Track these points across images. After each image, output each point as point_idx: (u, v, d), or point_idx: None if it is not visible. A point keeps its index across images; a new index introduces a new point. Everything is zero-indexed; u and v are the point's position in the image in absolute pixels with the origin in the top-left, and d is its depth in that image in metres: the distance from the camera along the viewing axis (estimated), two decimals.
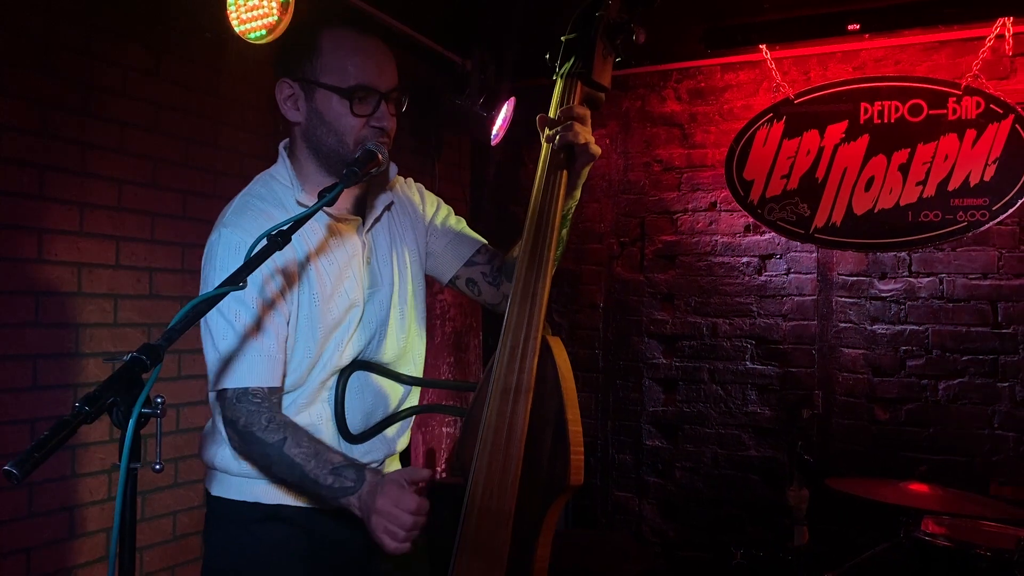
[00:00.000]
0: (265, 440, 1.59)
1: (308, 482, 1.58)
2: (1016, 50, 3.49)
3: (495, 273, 1.93)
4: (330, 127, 1.69)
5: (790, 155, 3.78)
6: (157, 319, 2.85)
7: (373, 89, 1.68)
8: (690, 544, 4.12)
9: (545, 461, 1.68)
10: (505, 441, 1.67)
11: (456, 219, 1.98)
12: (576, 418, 1.69)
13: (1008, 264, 3.60)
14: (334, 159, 1.72)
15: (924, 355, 3.74)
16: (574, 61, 1.83)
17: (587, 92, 1.86)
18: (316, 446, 1.60)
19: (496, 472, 1.67)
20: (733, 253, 4.12)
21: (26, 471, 1.02)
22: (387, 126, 1.71)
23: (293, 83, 1.71)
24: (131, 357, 1.18)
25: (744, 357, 4.10)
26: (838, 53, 3.86)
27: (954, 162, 3.50)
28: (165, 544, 2.91)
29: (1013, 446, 3.58)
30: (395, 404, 1.86)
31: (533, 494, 1.68)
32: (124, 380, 1.16)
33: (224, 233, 1.66)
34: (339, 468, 1.58)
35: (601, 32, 1.83)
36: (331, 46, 1.68)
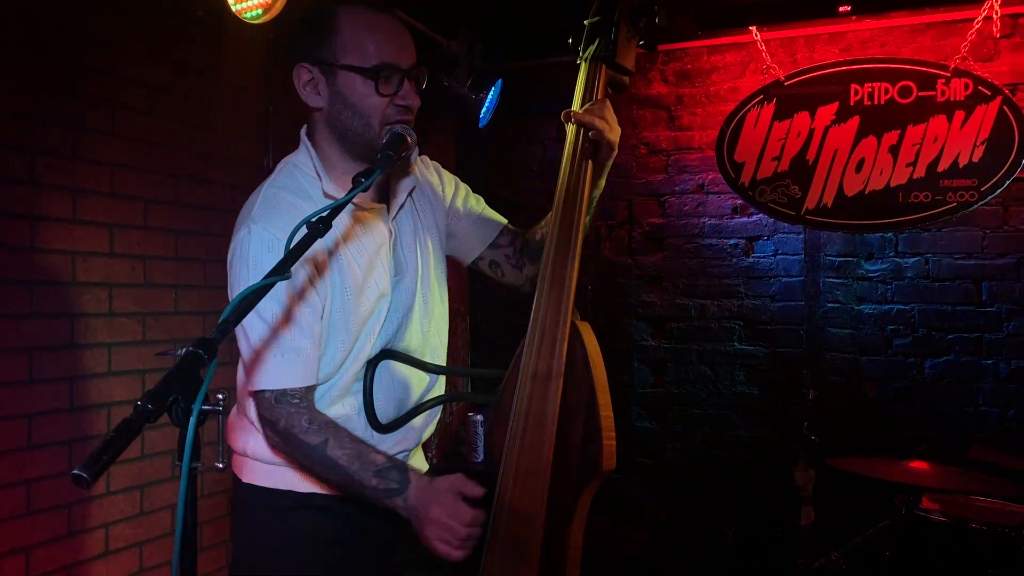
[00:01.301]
0: (307, 442, 1.57)
1: (353, 484, 1.57)
2: (1003, 31, 3.54)
3: (518, 255, 1.92)
4: (355, 109, 1.64)
5: (781, 137, 3.80)
6: (152, 308, 2.77)
7: (396, 67, 1.64)
8: (682, 525, 4.15)
9: (577, 446, 1.68)
10: (537, 427, 1.66)
11: (476, 199, 1.96)
12: (607, 403, 1.68)
13: (992, 244, 3.67)
14: (360, 143, 1.67)
15: (910, 334, 3.80)
16: (598, 44, 1.83)
17: (611, 75, 1.86)
18: (358, 447, 1.59)
19: (528, 458, 1.66)
20: (721, 235, 4.14)
21: (96, 474, 0.97)
22: (412, 103, 1.68)
23: (312, 67, 1.65)
24: (188, 352, 1.13)
25: (732, 338, 4.12)
26: (825, 35, 3.87)
27: (943, 143, 3.54)
28: (164, 538, 2.85)
29: (997, 422, 3.66)
30: (422, 393, 1.84)
31: (566, 480, 1.68)
32: (183, 376, 1.11)
33: (255, 230, 1.61)
34: (383, 469, 1.57)
35: (625, 15, 1.84)
36: (349, 26, 1.63)
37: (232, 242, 1.65)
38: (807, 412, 2.99)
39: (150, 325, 2.77)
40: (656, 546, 4.10)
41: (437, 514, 1.51)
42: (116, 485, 2.67)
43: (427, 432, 1.89)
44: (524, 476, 1.66)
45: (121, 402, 2.67)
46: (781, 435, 3.97)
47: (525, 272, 1.92)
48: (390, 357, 1.77)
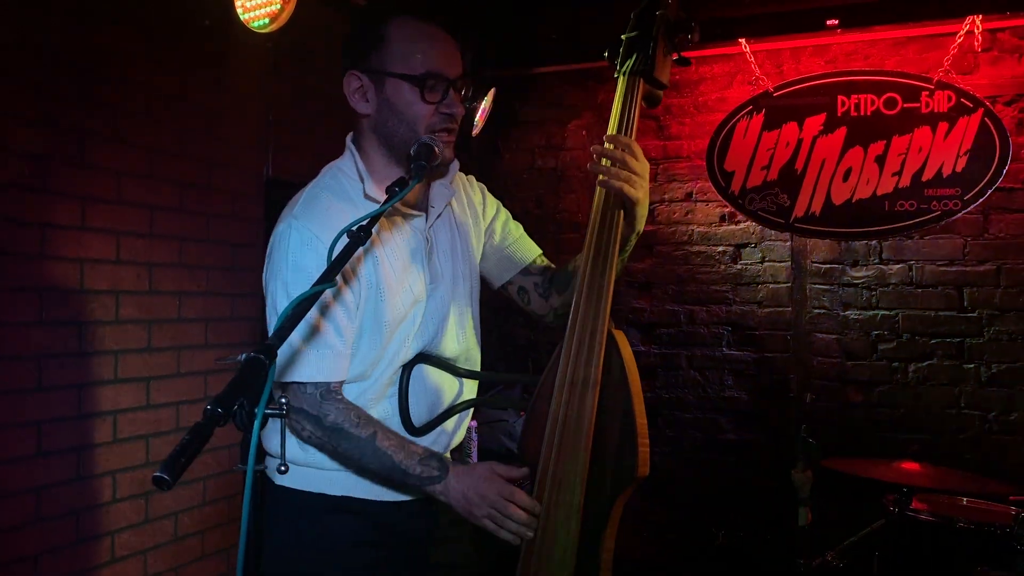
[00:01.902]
0: (359, 435, 1.62)
1: (398, 472, 1.63)
2: (983, 46, 3.66)
3: (547, 285, 1.94)
4: (401, 116, 1.67)
5: (770, 147, 3.89)
6: (157, 315, 2.78)
7: (443, 76, 1.66)
8: (672, 527, 4.21)
9: (613, 453, 1.71)
10: (573, 434, 1.68)
11: (515, 224, 1.99)
12: (642, 410, 1.72)
13: (973, 251, 3.78)
14: (404, 149, 1.69)
15: (894, 339, 3.90)
16: (636, 58, 1.82)
17: (648, 89, 1.87)
18: (400, 439, 1.66)
19: (565, 465, 1.69)
20: (709, 242, 4.22)
21: (176, 475, 0.99)
22: (456, 112, 1.70)
23: (362, 75, 1.68)
24: (249, 357, 1.16)
25: (721, 343, 4.20)
26: (810, 47, 3.97)
27: (928, 154, 3.65)
28: (167, 545, 2.84)
29: (979, 424, 3.77)
30: (453, 397, 1.87)
31: (601, 486, 1.70)
32: (246, 381, 1.13)
33: (295, 225, 1.65)
34: (424, 458, 1.65)
35: (663, 30, 1.84)
36: (399, 35, 1.66)
37: (273, 235, 1.69)
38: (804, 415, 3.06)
39: (155, 332, 2.77)
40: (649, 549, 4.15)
41: (483, 491, 1.61)
42: (122, 493, 2.66)
43: (457, 437, 1.92)
44: (561, 482, 1.69)
45: (128, 409, 2.67)
46: (769, 438, 4.05)
47: (551, 302, 1.94)
48: (424, 361, 1.80)
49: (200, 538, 2.97)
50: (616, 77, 1.81)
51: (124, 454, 2.67)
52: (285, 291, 1.62)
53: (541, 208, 4.52)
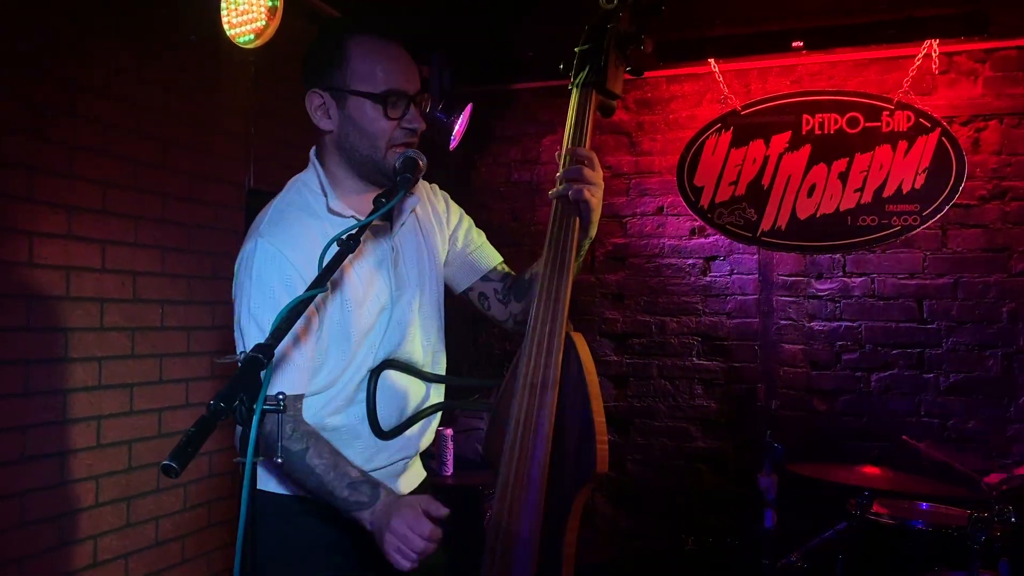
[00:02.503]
0: (288, 447, 1.64)
1: (323, 492, 1.64)
2: (940, 68, 3.82)
3: (506, 291, 2.01)
4: (364, 132, 1.73)
5: (737, 163, 4.02)
6: (141, 323, 2.83)
7: (404, 93, 1.73)
8: (642, 534, 4.31)
9: (572, 451, 1.78)
10: (534, 433, 1.75)
11: (478, 232, 2.05)
12: (600, 409, 1.80)
13: (932, 265, 3.93)
14: (367, 164, 1.76)
15: (858, 349, 4.04)
16: (588, 71, 1.90)
17: (601, 100, 1.95)
18: (336, 459, 1.66)
19: (526, 463, 1.76)
20: (679, 255, 4.33)
21: (183, 463, 1.06)
22: (417, 127, 1.76)
23: (323, 92, 1.74)
24: (248, 357, 1.23)
25: (691, 353, 4.31)
26: (776, 68, 4.12)
27: (888, 171, 3.80)
28: (147, 550, 2.88)
29: (938, 432, 3.91)
30: (420, 402, 1.92)
31: (561, 483, 1.78)
32: (245, 379, 1.21)
33: (260, 243, 1.69)
34: (356, 483, 1.64)
35: (613, 43, 1.91)
36: (359, 53, 1.72)
37: (241, 252, 1.74)
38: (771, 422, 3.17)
39: (138, 340, 2.82)
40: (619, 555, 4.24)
41: (397, 524, 1.57)
42: (104, 497, 2.70)
43: (425, 440, 1.98)
44: (522, 480, 1.76)
45: (111, 415, 2.71)
46: (737, 446, 4.16)
47: (510, 308, 2.01)
48: (391, 367, 1.86)
49: (181, 543, 3.01)
50: (570, 89, 1.88)
51: (107, 459, 2.71)
52: (248, 308, 1.66)
53: (517, 221, 4.61)
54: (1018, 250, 3.83)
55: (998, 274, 3.86)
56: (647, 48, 1.95)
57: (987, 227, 3.87)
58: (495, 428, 1.87)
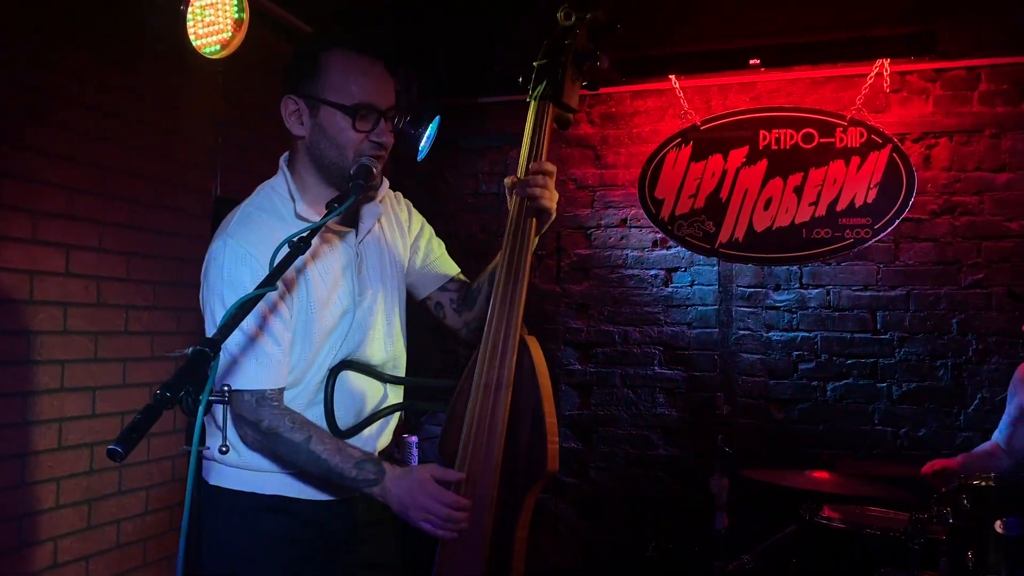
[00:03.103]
0: (292, 439, 1.72)
1: (334, 475, 1.74)
2: (892, 86, 3.96)
3: (461, 302, 2.09)
4: (332, 141, 1.80)
5: (697, 177, 4.13)
6: (105, 327, 2.87)
7: (374, 107, 1.80)
8: (605, 540, 4.37)
9: (524, 450, 1.86)
10: (488, 432, 1.83)
11: (439, 243, 2.13)
12: (552, 410, 1.88)
13: (885, 277, 4.05)
14: (335, 172, 1.83)
15: (814, 359, 4.15)
16: (546, 85, 1.99)
17: (558, 113, 2.04)
18: (337, 443, 1.76)
19: (479, 461, 1.83)
20: (642, 266, 4.43)
21: (128, 449, 1.12)
22: (386, 141, 1.83)
23: (298, 99, 1.81)
24: (195, 351, 1.29)
25: (653, 362, 4.40)
26: (736, 84, 4.23)
27: (842, 185, 3.92)
28: (110, 552, 2.91)
29: (891, 440, 4.02)
30: (378, 403, 1.98)
31: (514, 480, 1.85)
32: (192, 371, 1.26)
33: (229, 243, 1.76)
34: (361, 462, 1.75)
35: (570, 59, 2.00)
36: (335, 65, 1.80)
37: (208, 252, 1.80)
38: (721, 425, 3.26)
39: (102, 344, 2.86)
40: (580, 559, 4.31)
41: (421, 498, 1.71)
42: (65, 499, 2.73)
43: (382, 441, 2.04)
44: (476, 477, 1.84)
45: (73, 417, 2.75)
46: (698, 453, 4.24)
47: (463, 318, 2.08)
48: (349, 368, 1.93)
49: (142, 546, 3.04)
50: (528, 101, 1.96)
51: (68, 461, 2.74)
52: (223, 305, 1.72)
53: (485, 231, 4.69)
54: (967, 263, 3.96)
55: (948, 286, 3.98)
56: (603, 64, 2.04)
57: (938, 241, 3.99)
58: (451, 427, 1.94)
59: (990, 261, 3.93)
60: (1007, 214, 3.92)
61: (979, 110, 3.95)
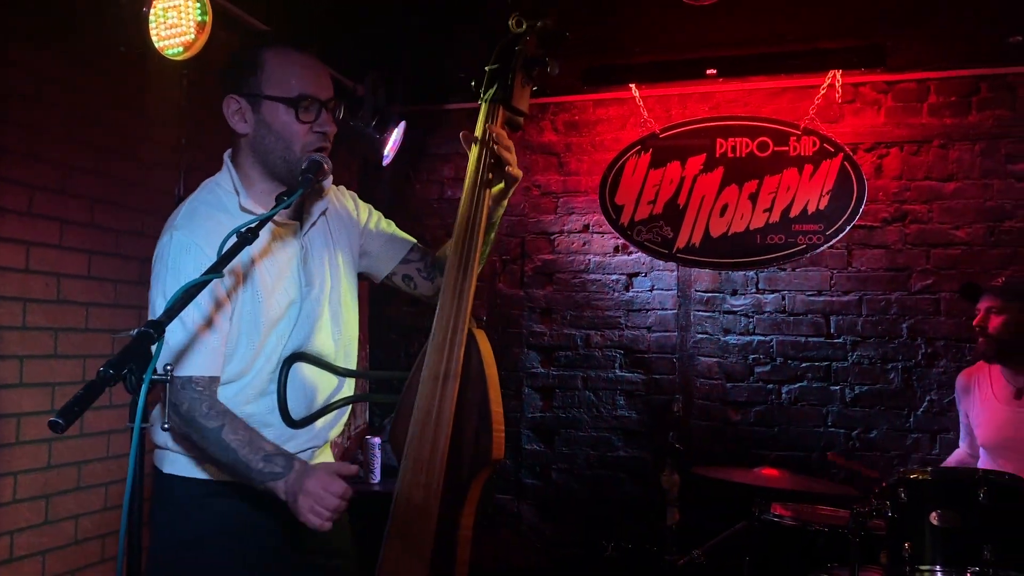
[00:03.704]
0: (205, 425, 1.74)
1: (240, 465, 1.74)
2: (844, 98, 4.08)
3: (429, 268, 2.16)
4: (278, 135, 1.86)
5: (656, 183, 4.22)
6: (65, 324, 2.89)
7: (315, 98, 1.87)
8: (565, 540, 4.43)
9: (471, 438, 1.92)
10: (435, 421, 1.89)
11: (387, 222, 2.19)
12: (498, 400, 1.94)
13: (838, 282, 4.16)
14: (280, 165, 1.89)
15: (769, 362, 4.24)
16: (496, 88, 2.08)
17: (508, 116, 2.12)
18: (251, 434, 1.77)
19: (427, 449, 1.89)
20: (604, 271, 4.51)
21: (69, 421, 1.17)
22: (329, 131, 1.90)
23: (240, 98, 1.87)
24: (140, 331, 1.34)
25: (614, 366, 4.48)
26: (696, 94, 4.34)
27: (795, 192, 4.03)
28: (67, 547, 2.92)
29: (844, 441, 4.12)
30: (330, 394, 2.04)
31: (460, 468, 1.91)
32: (136, 351, 1.32)
33: (176, 235, 1.82)
34: (271, 456, 1.75)
35: (520, 64, 2.09)
36: (274, 62, 1.87)
37: (157, 245, 1.86)
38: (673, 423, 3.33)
39: (61, 340, 2.88)
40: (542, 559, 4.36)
41: (311, 485, 1.69)
42: (22, 494, 2.75)
43: (334, 431, 2.10)
44: (423, 464, 1.89)
45: (32, 412, 2.77)
46: (656, 454, 4.32)
47: (436, 283, 2.14)
48: (301, 359, 1.98)
49: (100, 542, 3.05)
50: (479, 104, 2.05)
51: (26, 456, 2.76)
52: (163, 295, 1.78)
53: (450, 236, 4.73)
54: (917, 269, 4.08)
55: (899, 292, 4.10)
56: (554, 70, 2.12)
57: (889, 248, 4.11)
58: (400, 418, 1.99)
59: (939, 268, 4.06)
60: (955, 222, 4.05)
61: (928, 121, 4.08)
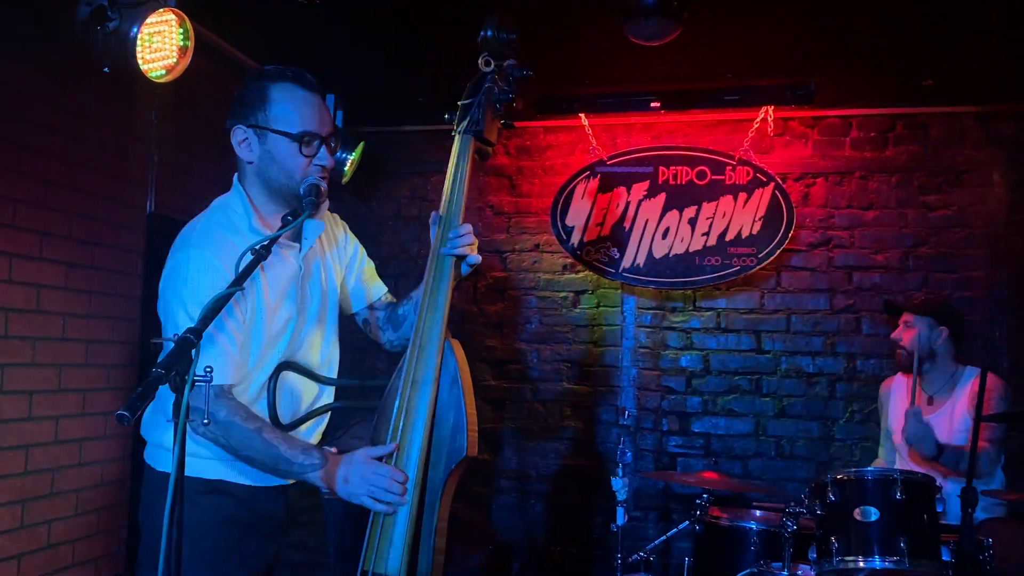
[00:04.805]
0: (248, 428, 1.92)
1: (282, 461, 1.94)
2: (775, 131, 4.42)
3: (386, 321, 2.36)
4: (281, 166, 2.04)
5: (603, 207, 4.50)
6: (45, 334, 2.98)
7: (317, 135, 2.05)
8: (513, 548, 4.63)
9: (447, 438, 2.13)
10: (415, 422, 2.09)
11: (369, 263, 2.39)
12: (472, 403, 2.15)
13: (769, 302, 4.49)
14: (283, 191, 2.07)
15: (706, 375, 4.54)
16: (469, 121, 2.31)
17: (479, 146, 2.35)
18: (282, 433, 1.99)
19: (408, 448, 2.08)
20: (553, 288, 4.76)
21: (135, 413, 1.33)
22: (328, 164, 2.09)
23: (247, 129, 2.04)
24: (181, 336, 1.50)
25: (562, 378, 4.72)
26: (639, 124, 4.64)
27: (731, 218, 4.35)
28: (41, 552, 3.00)
29: (774, 450, 4.43)
30: (312, 401, 2.20)
31: (437, 464, 2.11)
32: (179, 354, 1.48)
33: (193, 254, 1.97)
34: (307, 449, 1.97)
35: (490, 99, 2.33)
36: (281, 99, 2.04)
37: (170, 263, 1.99)
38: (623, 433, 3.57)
39: (40, 349, 2.98)
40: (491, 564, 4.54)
41: (364, 471, 1.93)
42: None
43: (314, 438, 2.26)
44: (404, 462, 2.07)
45: (10, 419, 2.85)
46: (601, 462, 4.57)
47: (387, 336, 2.36)
48: (289, 368, 2.14)
49: (71, 547, 3.13)
50: (453, 135, 2.27)
51: (4, 462, 2.84)
52: (185, 311, 1.91)
53: (405, 253, 4.94)
54: (840, 290, 4.43)
55: (823, 311, 4.44)
56: (518, 105, 2.37)
57: (814, 270, 4.46)
58: (382, 418, 2.18)
59: (859, 289, 4.42)
60: (874, 247, 4.41)
61: (850, 154, 4.46)
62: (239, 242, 1.97)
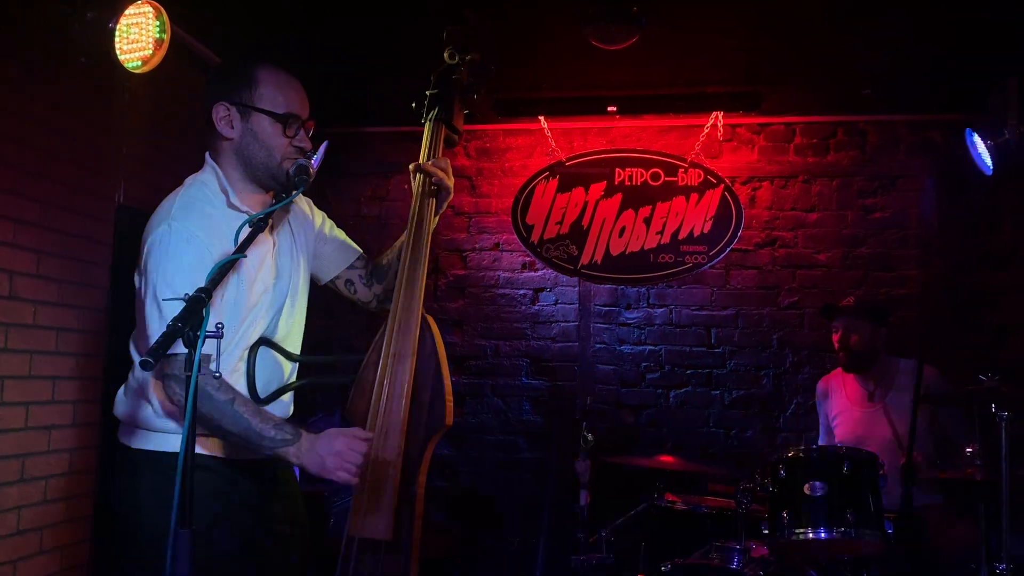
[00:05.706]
0: (217, 398, 1.93)
1: (252, 434, 1.95)
2: (724, 136, 4.65)
3: (369, 276, 2.44)
4: (263, 144, 2.10)
5: (562, 206, 4.66)
6: (17, 320, 3.00)
7: (299, 117, 2.14)
8: (473, 539, 4.73)
9: (426, 407, 2.24)
10: (396, 393, 2.20)
11: (339, 230, 2.46)
12: (448, 375, 2.27)
13: (718, 298, 4.70)
14: (261, 170, 2.12)
15: (659, 369, 4.72)
16: (438, 109, 2.45)
17: (447, 134, 2.48)
18: (255, 406, 2.00)
19: (389, 417, 2.19)
20: (512, 286, 4.89)
21: (158, 359, 1.42)
22: (306, 145, 2.17)
23: (230, 106, 2.10)
24: (193, 296, 1.58)
25: (520, 374, 4.85)
26: (595, 128, 4.82)
27: (683, 217, 4.56)
28: (9, 538, 3.00)
29: (723, 440, 4.62)
30: (286, 376, 2.25)
31: (417, 433, 2.22)
32: (191, 313, 1.56)
33: (175, 226, 1.98)
34: (279, 425, 1.99)
35: (457, 90, 2.48)
36: (268, 79, 2.11)
37: (150, 237, 2.00)
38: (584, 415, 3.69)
39: (11, 335, 2.99)
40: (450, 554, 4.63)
41: (339, 445, 1.96)
42: None
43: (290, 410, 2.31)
44: (386, 430, 2.18)
45: None
46: (559, 455, 4.70)
47: (373, 290, 2.42)
48: (266, 344, 2.19)
49: (39, 534, 3.13)
50: (423, 123, 2.40)
51: None
52: (166, 282, 1.93)
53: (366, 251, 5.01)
54: (785, 288, 4.66)
55: (769, 307, 4.66)
56: (480, 97, 2.52)
57: (761, 268, 4.68)
58: (359, 391, 2.27)
59: (803, 287, 4.65)
60: (816, 247, 4.66)
61: (794, 159, 4.70)
62: (219, 217, 2.04)
